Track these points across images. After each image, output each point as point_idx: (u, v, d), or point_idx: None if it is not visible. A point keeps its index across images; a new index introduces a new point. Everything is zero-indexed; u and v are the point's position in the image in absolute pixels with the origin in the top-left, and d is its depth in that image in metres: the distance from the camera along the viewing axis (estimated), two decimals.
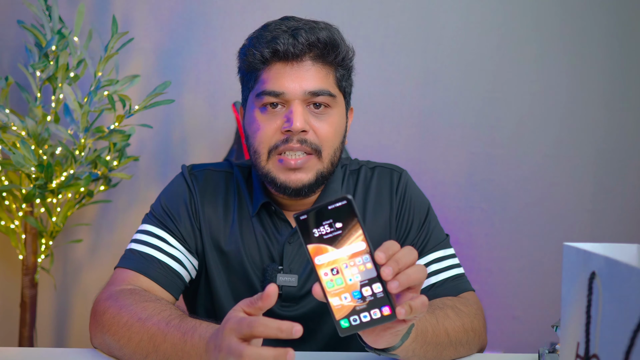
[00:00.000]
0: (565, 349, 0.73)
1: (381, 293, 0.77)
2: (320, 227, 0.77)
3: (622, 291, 0.62)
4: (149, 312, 0.99)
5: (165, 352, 0.92)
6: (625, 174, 2.06)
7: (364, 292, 0.77)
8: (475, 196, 2.06)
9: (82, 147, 1.71)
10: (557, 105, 2.05)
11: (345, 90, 1.18)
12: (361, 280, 0.77)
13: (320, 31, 1.12)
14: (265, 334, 0.76)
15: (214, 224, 1.20)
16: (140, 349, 0.96)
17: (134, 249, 1.16)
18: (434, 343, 0.98)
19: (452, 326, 1.03)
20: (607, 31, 2.03)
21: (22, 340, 1.82)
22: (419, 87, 2.04)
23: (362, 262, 0.77)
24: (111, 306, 1.03)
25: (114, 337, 1.00)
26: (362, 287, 0.77)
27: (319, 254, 0.78)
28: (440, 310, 1.04)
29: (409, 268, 0.79)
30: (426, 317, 0.98)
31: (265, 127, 1.12)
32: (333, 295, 0.78)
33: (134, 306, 1.01)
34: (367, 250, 0.77)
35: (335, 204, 0.77)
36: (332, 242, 0.77)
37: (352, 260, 0.77)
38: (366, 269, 0.77)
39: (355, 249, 0.77)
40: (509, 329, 2.05)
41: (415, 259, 0.80)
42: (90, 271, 2.05)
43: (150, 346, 0.94)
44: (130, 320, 0.99)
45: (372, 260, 0.77)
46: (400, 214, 1.23)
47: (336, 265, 0.77)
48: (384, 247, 0.79)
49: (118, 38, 1.70)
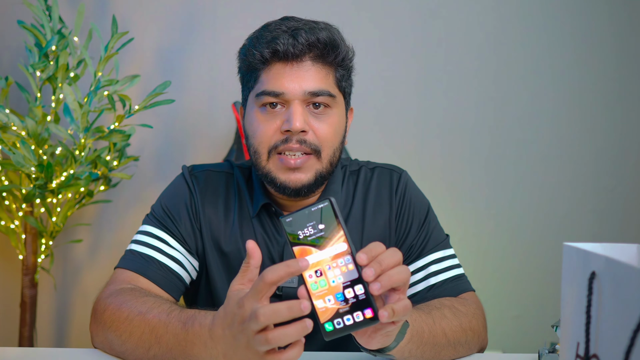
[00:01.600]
0: (565, 349, 0.73)
1: (363, 295, 0.77)
2: (304, 229, 0.78)
3: (622, 291, 0.62)
4: (149, 305, 0.99)
5: (168, 342, 0.93)
6: (625, 174, 2.06)
7: (347, 294, 0.77)
8: (475, 196, 2.06)
9: (82, 147, 1.71)
10: (557, 105, 2.05)
11: (345, 91, 1.18)
12: (344, 282, 0.77)
13: (320, 31, 1.12)
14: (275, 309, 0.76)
15: (215, 225, 1.20)
16: (143, 342, 0.96)
17: (133, 250, 1.16)
18: (431, 343, 0.98)
19: (449, 326, 1.02)
20: (607, 31, 2.03)
21: (22, 340, 1.82)
22: (419, 87, 2.04)
23: (344, 264, 0.77)
24: (111, 303, 1.04)
25: (115, 332, 1.00)
26: (344, 288, 0.77)
27: (304, 255, 0.78)
28: (438, 310, 1.04)
29: (392, 269, 0.79)
30: (422, 318, 0.98)
31: (265, 127, 1.12)
32: (317, 298, 0.78)
33: (134, 301, 1.01)
34: (349, 251, 0.78)
35: (317, 206, 0.78)
36: (316, 244, 0.78)
37: (334, 261, 0.78)
38: (348, 270, 0.77)
39: (337, 250, 0.78)
40: (509, 329, 2.05)
41: (399, 260, 0.81)
42: (90, 271, 2.05)
43: (153, 338, 0.94)
44: (130, 314, 0.99)
45: (354, 262, 0.77)
46: (400, 214, 1.23)
47: (320, 267, 0.78)
48: (367, 248, 0.79)
49: (118, 38, 1.70)
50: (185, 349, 0.90)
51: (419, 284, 1.18)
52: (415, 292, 1.18)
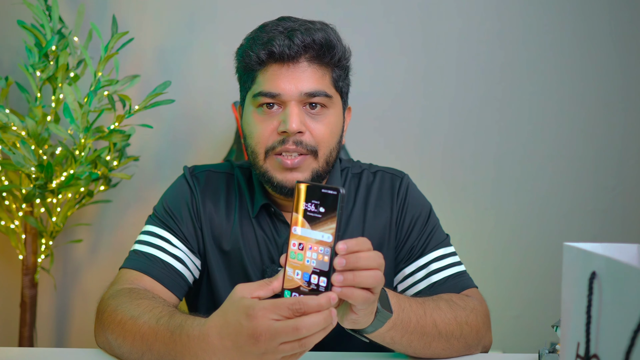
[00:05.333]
0: (565, 349, 0.73)
1: (323, 288, 0.80)
2: (308, 203, 0.81)
3: (622, 291, 0.62)
4: (141, 309, 0.99)
5: (159, 351, 0.92)
6: (625, 174, 2.06)
7: (312, 279, 0.81)
8: (475, 196, 2.05)
9: (82, 147, 1.71)
10: (557, 105, 2.05)
11: (342, 91, 1.19)
12: (314, 267, 0.81)
13: (316, 32, 1.12)
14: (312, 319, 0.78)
15: (216, 225, 1.21)
16: (135, 348, 0.96)
17: (137, 250, 1.17)
18: (418, 333, 0.98)
19: (441, 318, 1.02)
20: (607, 31, 2.03)
21: (22, 340, 1.82)
22: (418, 87, 2.04)
23: (322, 253, 0.80)
24: (110, 305, 1.04)
25: (112, 335, 1.00)
26: (312, 273, 0.81)
27: (298, 225, 0.82)
28: (432, 302, 1.05)
29: (365, 271, 0.81)
30: (413, 308, 0.99)
31: (261, 127, 1.13)
32: (290, 266, 0.82)
33: (128, 304, 1.01)
34: (331, 245, 0.80)
35: (328, 190, 0.80)
36: (311, 221, 0.81)
37: (317, 245, 0.80)
38: (323, 261, 0.80)
39: (323, 238, 0.80)
40: (509, 329, 2.05)
41: (378, 265, 0.82)
42: (90, 271, 2.05)
43: (144, 345, 0.94)
44: (123, 318, 0.99)
45: (331, 257, 0.80)
46: (400, 217, 1.24)
47: (304, 242, 0.81)
48: (353, 241, 0.81)
49: (118, 38, 1.70)
50: (176, 358, 0.89)
51: (421, 283, 1.18)
52: (417, 291, 1.18)
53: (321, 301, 0.77)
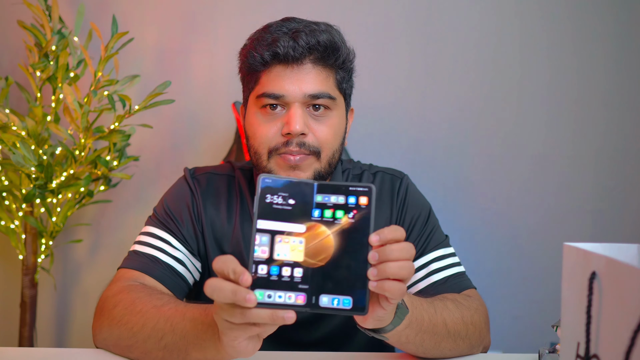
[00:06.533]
0: (565, 349, 0.73)
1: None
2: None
3: (622, 291, 0.62)
4: (165, 300, 1.00)
5: (184, 329, 0.92)
6: (625, 174, 2.06)
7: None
8: (475, 196, 2.05)
9: (82, 147, 1.71)
10: (557, 105, 2.04)
11: (345, 92, 1.19)
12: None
13: (321, 34, 1.12)
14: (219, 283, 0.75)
15: (217, 227, 1.21)
16: (156, 332, 0.95)
17: (137, 251, 1.16)
18: (430, 332, 0.98)
19: (450, 317, 1.03)
20: (607, 31, 2.03)
21: (22, 340, 1.82)
22: (419, 88, 2.04)
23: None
24: (123, 299, 1.03)
25: (126, 325, 0.99)
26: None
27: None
28: (440, 301, 1.05)
29: (395, 262, 0.77)
30: (424, 306, 0.98)
31: (265, 129, 1.13)
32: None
33: (149, 297, 1.02)
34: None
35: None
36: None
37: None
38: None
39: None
40: (509, 329, 2.05)
41: (410, 257, 0.79)
42: (90, 271, 2.05)
43: (167, 326, 0.94)
44: (144, 307, 0.99)
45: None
46: (400, 218, 1.24)
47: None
48: (385, 231, 0.78)
49: (118, 38, 1.70)
50: (200, 332, 0.89)
51: (421, 282, 1.18)
52: (417, 291, 1.18)
53: (236, 273, 0.74)
